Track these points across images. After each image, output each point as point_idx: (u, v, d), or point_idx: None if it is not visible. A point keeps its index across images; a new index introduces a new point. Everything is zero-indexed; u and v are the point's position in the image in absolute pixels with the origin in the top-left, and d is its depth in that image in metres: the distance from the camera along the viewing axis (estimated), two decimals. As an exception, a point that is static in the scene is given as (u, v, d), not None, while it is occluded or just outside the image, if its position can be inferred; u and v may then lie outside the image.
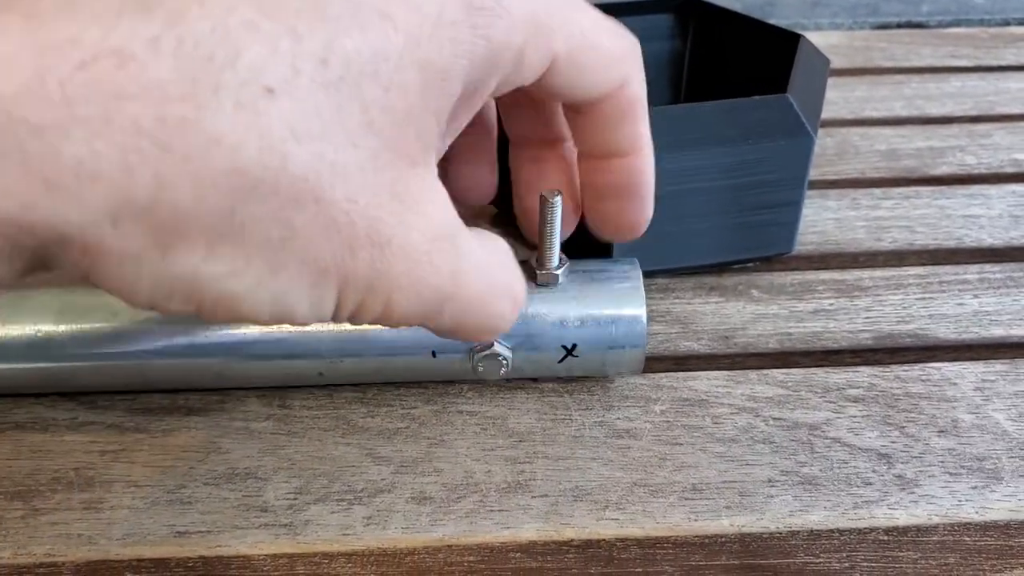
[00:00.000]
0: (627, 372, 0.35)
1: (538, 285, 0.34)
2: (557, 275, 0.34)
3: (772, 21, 0.64)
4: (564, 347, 0.34)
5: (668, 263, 0.41)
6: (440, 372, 0.35)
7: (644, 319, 0.34)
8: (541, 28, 0.24)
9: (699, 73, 0.49)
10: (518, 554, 0.30)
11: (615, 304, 0.34)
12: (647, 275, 0.41)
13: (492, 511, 0.31)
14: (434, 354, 0.34)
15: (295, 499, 0.32)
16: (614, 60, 0.27)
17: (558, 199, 0.31)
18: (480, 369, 0.34)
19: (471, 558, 0.30)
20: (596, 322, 0.34)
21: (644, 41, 0.52)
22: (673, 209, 0.39)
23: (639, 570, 0.31)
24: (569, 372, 0.35)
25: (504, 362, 0.33)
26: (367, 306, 0.22)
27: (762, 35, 0.45)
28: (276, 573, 0.30)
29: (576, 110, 0.29)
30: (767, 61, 0.44)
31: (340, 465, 0.33)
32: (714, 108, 0.39)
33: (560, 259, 0.34)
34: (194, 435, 0.34)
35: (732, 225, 0.40)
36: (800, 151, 0.39)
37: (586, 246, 0.35)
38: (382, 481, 0.32)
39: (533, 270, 0.34)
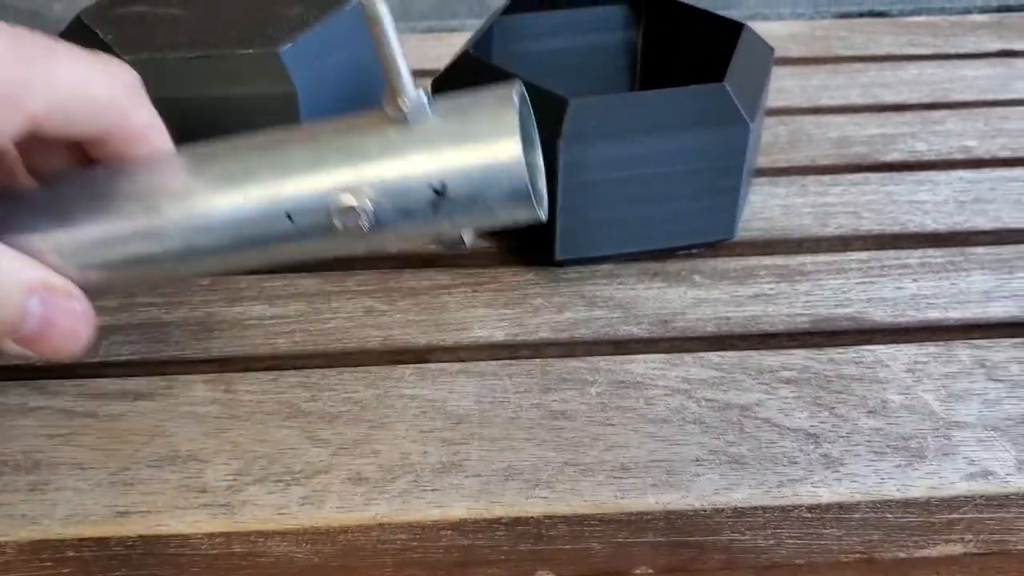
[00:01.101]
0: (518, 216, 0.31)
1: (394, 120, 0.30)
2: (415, 106, 0.30)
3: (736, 10, 0.65)
4: (433, 188, 0.30)
5: (612, 249, 0.42)
6: (308, 244, 0.31)
7: (518, 145, 0.29)
8: (10, 97, 0.27)
9: (652, 63, 0.50)
10: (449, 532, 0.31)
11: (487, 132, 0.30)
12: (593, 261, 0.42)
13: (425, 491, 0.32)
14: (289, 216, 0.30)
15: (234, 480, 0.32)
16: (104, 106, 0.29)
17: (380, 6, 0.29)
18: (339, 227, 0.30)
19: (403, 536, 0.31)
20: (464, 155, 0.29)
21: (599, 32, 0.53)
22: (615, 196, 0.40)
23: (567, 547, 0.32)
24: (453, 224, 0.31)
25: (363, 214, 0.30)
26: None
27: (709, 25, 0.46)
28: (213, 551, 0.31)
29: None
30: (713, 51, 0.44)
31: (280, 448, 0.34)
32: (654, 97, 0.39)
33: (419, 89, 0.30)
34: (141, 419, 0.35)
35: (672, 212, 0.41)
36: (737, 138, 0.39)
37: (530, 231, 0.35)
38: (320, 463, 0.33)
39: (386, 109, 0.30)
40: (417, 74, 0.62)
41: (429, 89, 0.31)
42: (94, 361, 0.37)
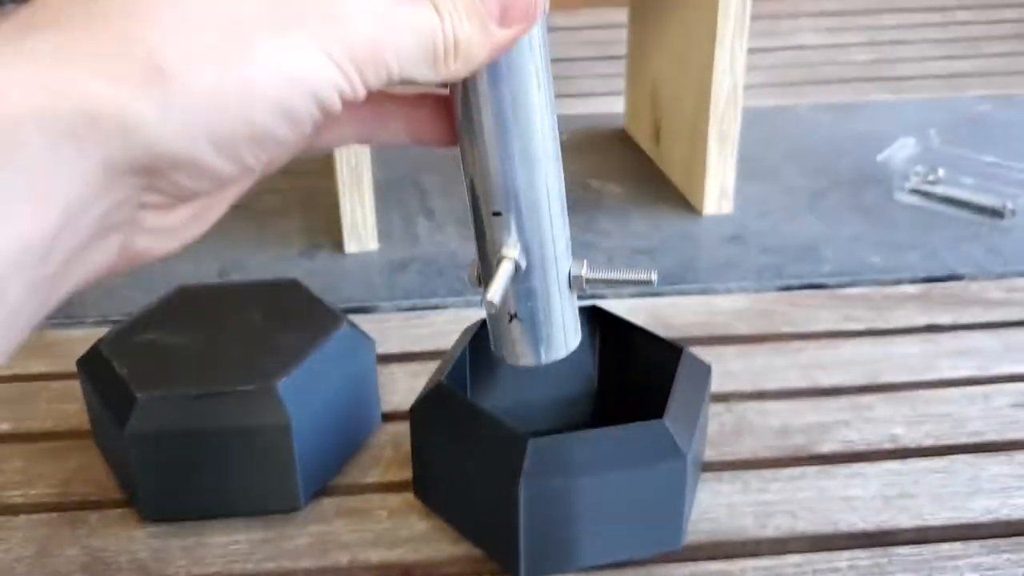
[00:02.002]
0: None
1: None
2: None
3: (687, 284, 0.72)
4: None
5: (572, 566, 0.46)
6: None
7: None
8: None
9: (607, 376, 0.55)
10: None
11: None
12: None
13: None
14: None
15: None
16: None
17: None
18: None
19: None
20: None
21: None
22: (571, 522, 0.45)
23: None
24: None
25: None
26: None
27: (653, 346, 0.52)
28: None
29: None
30: (658, 369, 0.50)
31: None
32: (602, 436, 0.45)
33: None
34: None
35: (623, 532, 0.46)
36: (676, 469, 0.45)
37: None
38: None
39: None
40: (401, 358, 0.68)
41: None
42: None
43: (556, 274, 0.39)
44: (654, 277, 0.41)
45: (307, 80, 0.27)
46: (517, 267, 0.38)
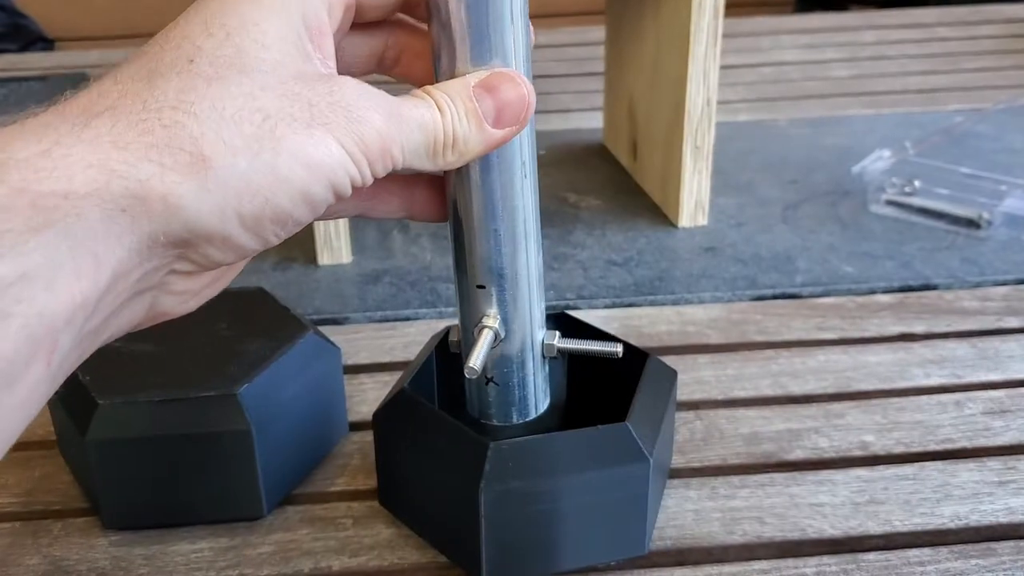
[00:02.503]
0: None
1: None
2: None
3: (661, 295, 0.72)
4: None
5: (535, 572, 0.46)
6: None
7: None
8: None
9: (576, 383, 0.55)
10: None
11: None
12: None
13: None
14: None
15: None
16: None
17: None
18: None
19: None
20: None
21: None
22: (534, 526, 0.44)
23: None
24: None
25: None
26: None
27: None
28: None
29: None
30: (624, 375, 0.50)
31: None
32: (563, 439, 0.45)
33: None
34: None
35: (587, 536, 0.45)
36: (639, 473, 0.45)
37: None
38: None
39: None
40: (371, 368, 0.68)
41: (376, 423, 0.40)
42: None
43: (531, 343, 0.45)
44: (619, 350, 0.47)
45: (325, 169, 0.32)
46: (496, 336, 0.43)
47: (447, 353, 0.53)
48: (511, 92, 0.37)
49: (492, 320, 0.43)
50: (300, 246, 0.80)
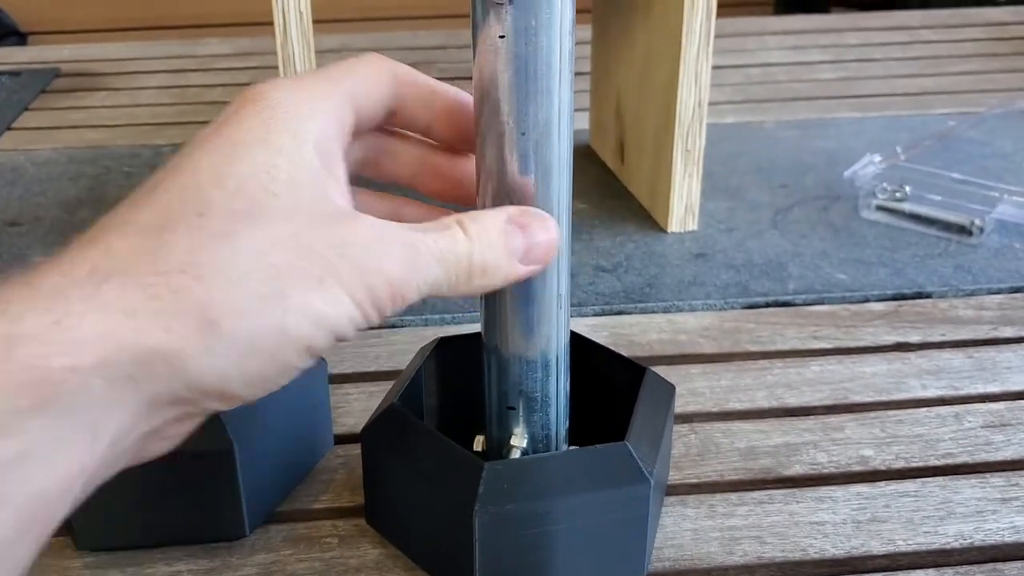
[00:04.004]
0: None
1: None
2: None
3: (652, 303, 0.70)
4: None
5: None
6: None
7: None
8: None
9: (571, 398, 0.53)
10: None
11: None
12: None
13: None
14: None
15: None
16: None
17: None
18: None
19: None
20: None
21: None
22: (530, 548, 0.43)
23: None
24: None
25: None
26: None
27: (616, 366, 0.50)
28: None
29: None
30: (622, 390, 0.48)
31: None
32: (560, 458, 0.43)
33: None
34: None
35: (585, 559, 0.44)
36: (639, 493, 0.43)
37: None
38: None
39: None
40: (356, 377, 0.67)
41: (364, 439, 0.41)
42: None
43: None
44: None
45: (331, 321, 0.32)
46: (524, 453, 0.44)
47: (436, 366, 0.51)
48: (542, 235, 0.38)
49: (519, 440, 0.44)
50: (280, 250, 0.77)
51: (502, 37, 0.37)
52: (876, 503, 0.51)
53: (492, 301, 0.42)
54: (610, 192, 0.89)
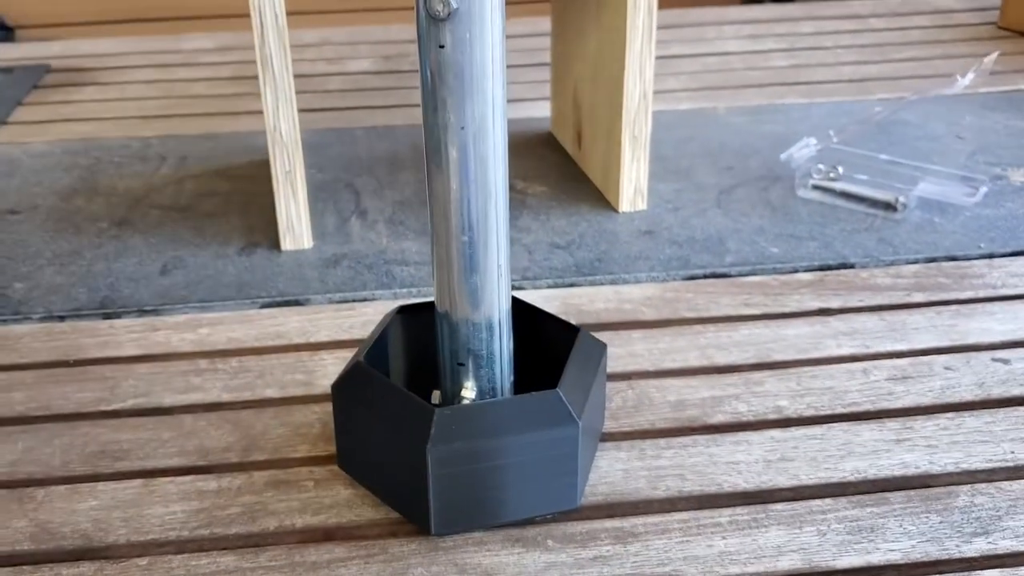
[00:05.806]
0: None
1: None
2: None
3: (600, 276, 0.77)
4: None
5: (479, 523, 0.51)
6: None
7: None
8: None
9: (517, 356, 0.60)
10: None
11: None
12: (467, 529, 0.51)
13: None
14: None
15: None
16: None
17: None
18: None
19: None
20: None
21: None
22: (476, 482, 0.50)
23: None
24: None
25: None
26: None
27: (556, 327, 0.57)
28: None
29: None
30: (562, 347, 0.55)
31: None
32: (500, 405, 0.50)
33: None
34: None
35: (525, 491, 0.51)
36: (570, 435, 0.50)
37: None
38: None
39: None
40: (331, 345, 0.73)
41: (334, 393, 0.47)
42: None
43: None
44: None
45: None
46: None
47: (400, 330, 0.58)
48: None
49: (469, 392, 0.52)
50: (263, 232, 0.84)
51: (442, 47, 0.44)
52: (786, 445, 0.59)
53: (442, 272, 0.49)
54: (569, 176, 0.96)
